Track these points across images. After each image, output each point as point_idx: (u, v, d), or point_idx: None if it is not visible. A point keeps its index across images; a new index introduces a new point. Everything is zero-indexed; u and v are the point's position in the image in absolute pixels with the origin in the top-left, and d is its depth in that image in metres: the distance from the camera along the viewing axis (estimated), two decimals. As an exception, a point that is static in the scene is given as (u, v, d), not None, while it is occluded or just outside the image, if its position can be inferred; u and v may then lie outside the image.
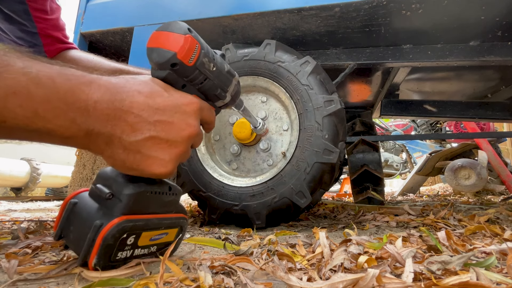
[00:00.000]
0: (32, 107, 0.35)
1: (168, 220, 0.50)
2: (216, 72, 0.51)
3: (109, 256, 0.42)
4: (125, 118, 0.41)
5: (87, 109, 0.39)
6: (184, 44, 0.45)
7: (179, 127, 0.45)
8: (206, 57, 0.48)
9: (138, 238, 0.45)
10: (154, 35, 0.46)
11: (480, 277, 0.38)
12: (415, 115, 1.83)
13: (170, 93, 0.46)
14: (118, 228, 0.42)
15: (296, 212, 0.98)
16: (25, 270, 0.47)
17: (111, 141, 0.41)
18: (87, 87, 0.39)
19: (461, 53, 1.14)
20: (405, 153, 4.71)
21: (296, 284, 0.37)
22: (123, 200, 0.44)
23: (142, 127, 0.42)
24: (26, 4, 0.83)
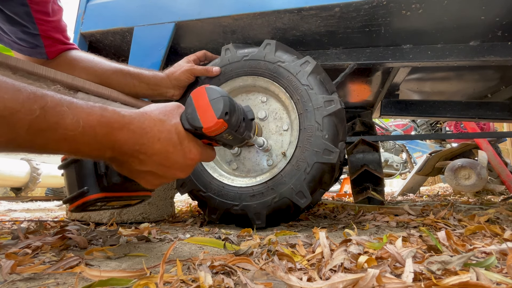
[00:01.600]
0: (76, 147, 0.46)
1: (134, 197, 0.65)
2: (232, 139, 0.61)
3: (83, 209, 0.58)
4: (138, 156, 0.52)
5: (114, 147, 0.49)
6: (213, 126, 0.53)
7: (174, 172, 0.56)
8: (227, 133, 0.57)
9: (107, 203, 0.61)
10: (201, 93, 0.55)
11: (480, 277, 0.38)
12: (415, 115, 1.83)
13: (183, 145, 0.56)
14: (95, 200, 0.56)
15: (296, 212, 0.98)
16: (25, 270, 0.47)
17: (122, 165, 0.54)
18: (118, 132, 0.49)
19: (461, 53, 1.13)
20: (405, 153, 4.71)
21: (296, 284, 0.37)
22: (109, 182, 0.56)
23: (148, 164, 0.53)
24: (28, 6, 0.83)
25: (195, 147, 0.57)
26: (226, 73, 1.08)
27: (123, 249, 0.66)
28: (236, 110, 0.56)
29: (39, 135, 0.41)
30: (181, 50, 1.33)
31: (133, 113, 0.52)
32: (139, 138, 0.51)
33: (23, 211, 1.92)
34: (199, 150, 0.58)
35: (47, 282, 0.44)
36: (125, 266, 0.53)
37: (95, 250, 0.61)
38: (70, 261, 0.51)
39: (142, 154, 0.52)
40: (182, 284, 0.41)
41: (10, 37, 0.89)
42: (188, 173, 0.59)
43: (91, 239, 0.73)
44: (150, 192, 0.69)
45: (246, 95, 1.11)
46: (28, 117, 0.39)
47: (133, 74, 1.01)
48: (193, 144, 0.57)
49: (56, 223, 1.01)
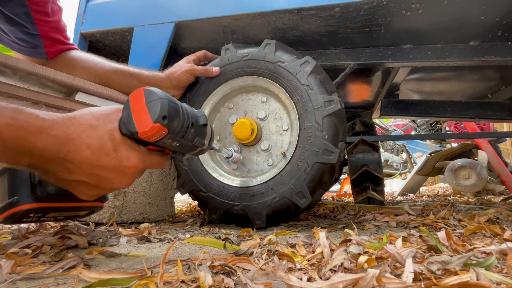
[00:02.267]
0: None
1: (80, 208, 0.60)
2: (179, 146, 0.53)
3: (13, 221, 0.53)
4: (65, 164, 0.47)
5: (31, 154, 0.44)
6: (148, 131, 0.47)
7: (111, 181, 0.51)
8: (170, 139, 0.50)
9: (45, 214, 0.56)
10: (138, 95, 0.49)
11: (480, 277, 0.38)
12: (415, 115, 1.83)
13: (119, 152, 0.49)
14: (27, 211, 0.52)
15: (296, 212, 0.98)
16: (25, 270, 0.47)
17: (47, 173, 0.49)
18: (34, 137, 0.43)
19: (461, 53, 1.14)
20: (405, 153, 4.71)
21: (296, 284, 0.37)
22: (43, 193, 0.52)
23: (77, 173, 0.48)
24: (28, 7, 0.83)
25: (134, 155, 0.51)
26: (226, 73, 1.08)
27: (123, 249, 0.66)
28: (180, 115, 0.50)
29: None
30: (181, 50, 1.33)
31: (57, 117, 0.47)
32: (62, 144, 0.45)
33: (23, 211, 1.92)
34: (140, 158, 0.51)
35: (47, 282, 0.44)
36: (125, 266, 0.53)
37: (95, 250, 0.61)
38: (70, 261, 0.50)
39: (69, 163, 0.46)
40: (182, 284, 0.41)
41: (10, 38, 0.89)
42: (129, 183, 0.53)
43: (91, 239, 0.73)
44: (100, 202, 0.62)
45: (246, 95, 1.11)
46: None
47: (133, 74, 1.01)
48: (132, 151, 0.50)
49: (56, 223, 1.01)
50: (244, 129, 0.98)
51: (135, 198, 1.09)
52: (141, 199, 1.11)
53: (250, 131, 0.98)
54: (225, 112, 1.13)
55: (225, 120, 1.12)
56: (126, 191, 1.07)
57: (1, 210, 0.51)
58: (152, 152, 0.54)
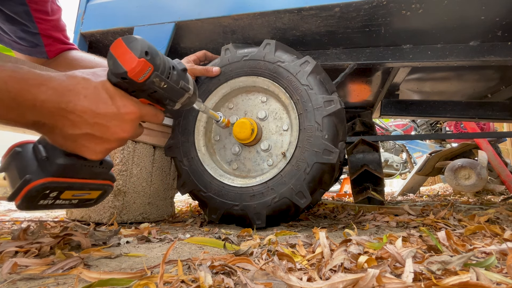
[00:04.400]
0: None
1: (92, 185, 0.59)
2: (168, 87, 0.57)
3: (32, 203, 0.52)
4: (67, 116, 0.49)
5: (34, 106, 0.46)
6: (135, 67, 0.51)
7: (114, 130, 0.52)
8: (157, 77, 0.54)
9: (60, 194, 0.55)
10: (117, 43, 0.53)
11: (480, 277, 0.38)
12: (415, 115, 1.83)
13: (115, 101, 0.52)
14: (43, 186, 0.51)
15: (296, 212, 0.98)
16: (25, 270, 0.47)
17: (53, 131, 0.50)
18: (36, 88, 0.46)
19: (461, 53, 1.14)
20: (405, 153, 4.71)
21: (296, 284, 0.37)
22: (54, 166, 0.52)
23: (81, 125, 0.50)
24: (27, 5, 0.84)
25: (129, 102, 0.54)
26: (226, 73, 1.08)
27: (123, 249, 0.66)
28: (159, 54, 0.54)
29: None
30: (181, 50, 1.33)
31: (53, 73, 0.50)
32: (61, 95, 0.48)
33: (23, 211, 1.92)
34: (135, 105, 0.54)
35: (47, 282, 0.44)
36: (125, 266, 0.53)
37: (95, 250, 0.61)
38: (70, 261, 0.51)
39: (71, 114, 0.48)
40: (182, 284, 0.41)
41: (10, 37, 0.89)
42: (131, 131, 0.55)
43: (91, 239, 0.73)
44: (110, 181, 0.63)
45: (246, 95, 1.11)
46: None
47: None
48: (127, 99, 0.54)
49: (56, 223, 1.01)
50: (244, 129, 0.98)
51: (135, 198, 1.09)
52: (141, 199, 1.11)
53: (250, 131, 0.98)
54: (225, 112, 1.13)
55: (225, 120, 1.12)
56: (126, 191, 1.06)
57: (17, 192, 0.51)
58: (145, 104, 0.57)
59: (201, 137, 1.10)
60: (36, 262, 0.50)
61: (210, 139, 1.14)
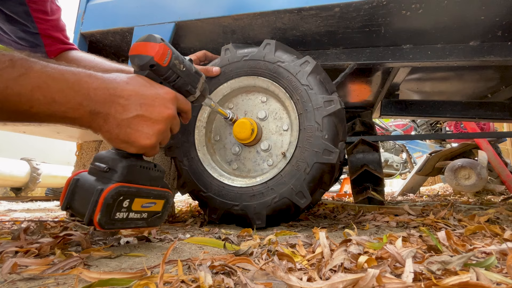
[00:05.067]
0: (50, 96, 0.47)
1: (155, 192, 0.61)
2: (186, 71, 0.65)
3: (110, 215, 0.52)
4: (118, 101, 0.54)
5: (89, 95, 0.51)
6: (159, 49, 0.59)
7: (159, 109, 0.58)
8: (176, 60, 0.62)
9: (132, 202, 0.56)
10: (135, 45, 0.60)
11: (480, 277, 0.38)
12: (415, 115, 1.83)
13: (152, 84, 0.59)
14: (116, 190, 0.52)
15: (296, 212, 0.98)
16: (25, 270, 0.47)
17: (108, 119, 0.54)
18: (88, 78, 0.51)
19: (461, 53, 1.14)
20: (405, 153, 4.70)
21: (296, 284, 0.37)
22: (118, 170, 0.55)
23: (131, 108, 0.55)
24: (27, 6, 0.84)
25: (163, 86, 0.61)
26: (226, 73, 1.08)
27: (123, 249, 0.66)
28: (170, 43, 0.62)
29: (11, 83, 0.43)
30: (181, 50, 1.33)
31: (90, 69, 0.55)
32: (109, 83, 0.54)
33: (23, 211, 1.92)
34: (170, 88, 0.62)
35: (47, 282, 0.44)
36: (125, 266, 0.53)
37: (95, 250, 0.61)
38: (70, 261, 0.50)
39: (120, 98, 0.54)
40: (182, 284, 0.41)
41: (10, 37, 0.89)
42: (173, 109, 0.60)
43: (91, 239, 0.73)
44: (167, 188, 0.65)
45: (246, 95, 1.11)
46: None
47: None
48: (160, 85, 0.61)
49: (56, 223, 1.01)
50: (244, 129, 0.98)
51: (135, 198, 1.09)
52: (141, 199, 1.11)
53: (250, 131, 0.98)
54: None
55: (225, 120, 1.12)
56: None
57: (93, 207, 0.51)
58: None
59: (201, 137, 1.10)
60: (36, 262, 0.50)
61: (210, 139, 1.14)
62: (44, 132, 1.20)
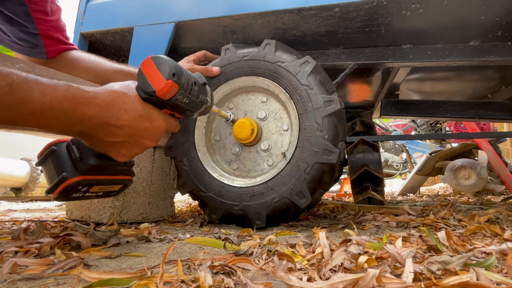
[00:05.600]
0: (45, 122, 0.49)
1: (116, 180, 0.68)
2: (188, 102, 0.65)
3: (66, 196, 0.60)
4: (109, 128, 0.56)
5: (83, 121, 0.53)
6: (163, 87, 0.58)
7: (145, 141, 0.61)
8: (181, 95, 0.61)
9: (90, 188, 0.63)
10: (147, 62, 0.60)
11: (480, 277, 0.38)
12: (415, 115, 1.83)
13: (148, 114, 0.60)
14: (76, 183, 0.59)
15: (296, 212, 0.98)
16: (25, 270, 0.47)
17: (93, 139, 0.57)
18: (84, 106, 0.52)
19: (461, 53, 1.14)
20: (405, 153, 4.70)
21: (296, 284, 0.37)
22: (86, 166, 0.59)
23: (119, 135, 0.57)
24: (27, 6, 0.84)
25: (159, 116, 0.62)
26: (226, 73, 1.08)
27: (123, 249, 0.66)
28: (183, 73, 0.61)
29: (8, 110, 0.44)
30: (181, 50, 1.33)
31: (97, 88, 0.56)
32: (106, 111, 0.54)
33: (23, 211, 1.92)
34: (163, 118, 0.63)
35: (47, 282, 0.44)
36: (125, 266, 0.53)
37: (95, 250, 0.61)
38: (70, 261, 0.51)
39: (113, 127, 0.56)
40: (182, 284, 0.41)
41: (10, 38, 0.89)
42: (158, 141, 0.63)
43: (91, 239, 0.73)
44: (130, 176, 0.71)
45: (246, 95, 1.11)
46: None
47: (134, 74, 1.01)
48: (157, 113, 0.62)
49: (56, 223, 1.01)
50: (244, 129, 0.98)
51: (135, 198, 1.09)
52: (141, 199, 1.11)
53: (250, 131, 0.98)
54: (225, 112, 1.13)
55: (225, 120, 1.12)
56: (126, 191, 1.07)
57: (54, 187, 0.58)
58: (169, 116, 0.65)
59: (201, 137, 1.10)
60: (36, 262, 0.50)
61: (210, 139, 1.14)
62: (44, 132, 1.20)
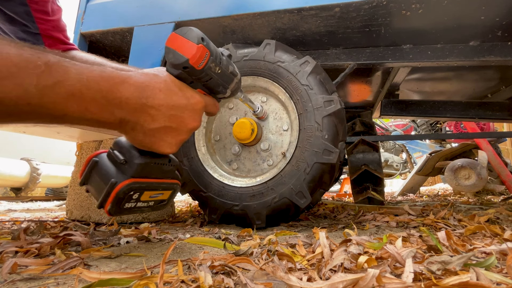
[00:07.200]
0: (84, 105, 0.46)
1: (164, 184, 0.62)
2: (220, 73, 0.61)
3: (119, 205, 0.54)
4: (148, 111, 0.53)
5: (121, 104, 0.50)
6: (196, 53, 0.55)
7: (187, 121, 0.57)
8: (213, 63, 0.58)
9: (141, 195, 0.57)
10: (173, 36, 0.56)
11: (480, 277, 0.38)
12: (415, 115, 1.83)
13: (183, 92, 0.57)
14: (128, 187, 0.54)
15: (296, 212, 0.98)
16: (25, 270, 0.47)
17: (135, 127, 0.53)
18: (120, 86, 0.50)
19: (461, 53, 1.14)
20: (405, 153, 4.70)
21: (296, 284, 0.37)
22: (133, 167, 0.55)
23: (159, 119, 0.54)
24: (28, 6, 0.84)
25: (194, 93, 0.59)
26: (226, 73, 1.08)
27: (123, 249, 0.66)
28: (210, 41, 0.58)
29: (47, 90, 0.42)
30: (181, 50, 1.33)
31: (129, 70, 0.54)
32: (141, 91, 0.52)
33: (23, 211, 1.92)
34: (200, 95, 0.59)
35: (47, 282, 0.44)
36: (125, 266, 0.53)
37: (95, 250, 0.61)
38: (70, 261, 0.51)
39: (151, 108, 0.53)
40: (182, 284, 0.41)
41: (10, 37, 0.89)
42: (199, 121, 0.59)
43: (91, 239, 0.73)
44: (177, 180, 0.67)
45: (246, 95, 1.11)
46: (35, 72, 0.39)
47: None
48: (191, 90, 0.59)
49: (56, 223, 1.01)
50: (244, 129, 0.98)
51: (135, 198, 1.09)
52: (141, 199, 1.11)
53: (250, 131, 0.98)
54: (225, 112, 1.13)
55: (225, 120, 1.12)
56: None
57: (105, 197, 0.53)
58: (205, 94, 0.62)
59: (201, 137, 1.10)
60: (36, 262, 0.50)
61: (210, 139, 1.14)
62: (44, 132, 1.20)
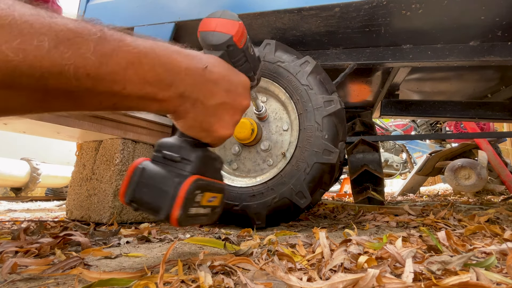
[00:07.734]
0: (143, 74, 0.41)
1: (218, 185, 0.55)
2: (253, 56, 0.59)
3: (187, 210, 0.45)
4: (207, 85, 0.48)
5: (180, 74, 0.45)
6: (239, 29, 0.52)
7: (241, 98, 0.54)
8: (250, 42, 0.56)
9: (202, 197, 0.49)
10: (207, 21, 0.54)
11: (480, 277, 0.38)
12: (415, 115, 1.83)
13: (232, 68, 0.54)
14: (195, 184, 0.46)
15: (296, 212, 0.98)
16: (25, 270, 0.47)
17: (195, 104, 0.48)
18: (177, 55, 0.45)
19: (461, 53, 1.14)
20: (405, 153, 4.71)
21: (296, 284, 0.37)
22: (192, 161, 0.48)
23: (218, 94, 0.50)
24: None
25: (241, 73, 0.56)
26: (226, 73, 1.08)
27: (123, 249, 0.66)
28: None
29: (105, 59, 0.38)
30: (181, 50, 1.33)
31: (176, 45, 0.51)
32: (197, 62, 0.48)
33: (23, 211, 1.92)
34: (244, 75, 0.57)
35: (47, 282, 0.44)
36: (125, 266, 0.53)
37: (95, 250, 0.61)
38: (70, 261, 0.51)
39: (210, 82, 0.49)
40: (182, 284, 0.41)
41: None
42: (249, 100, 0.57)
43: (91, 239, 0.73)
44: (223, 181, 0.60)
45: (246, 95, 1.11)
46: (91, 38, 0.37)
47: None
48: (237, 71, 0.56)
49: (56, 223, 1.01)
50: (244, 129, 0.98)
51: (135, 198, 1.09)
52: (141, 199, 1.11)
53: (250, 131, 0.98)
54: (225, 112, 1.13)
55: (225, 120, 1.12)
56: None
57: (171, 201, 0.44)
58: None
59: (201, 137, 1.10)
60: (36, 262, 0.50)
61: (210, 139, 1.14)
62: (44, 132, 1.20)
